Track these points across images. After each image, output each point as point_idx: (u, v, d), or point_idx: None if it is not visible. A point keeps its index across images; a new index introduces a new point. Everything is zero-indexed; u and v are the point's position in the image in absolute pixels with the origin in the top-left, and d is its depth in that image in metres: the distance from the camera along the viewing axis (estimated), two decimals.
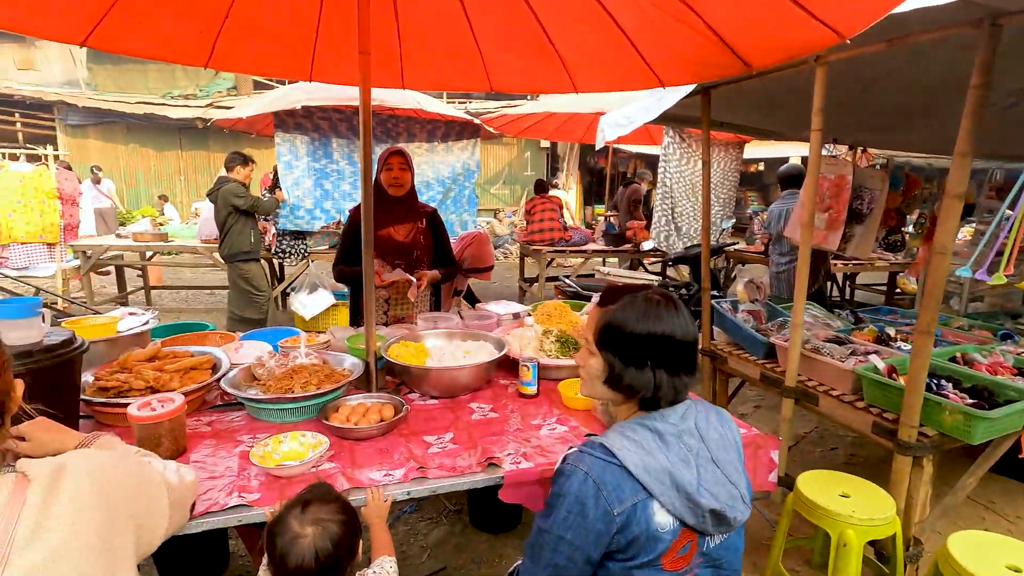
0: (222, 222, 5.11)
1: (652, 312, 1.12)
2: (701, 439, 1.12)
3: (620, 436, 1.08)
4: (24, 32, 2.12)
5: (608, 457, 1.05)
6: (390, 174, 2.69)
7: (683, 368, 1.13)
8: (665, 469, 1.04)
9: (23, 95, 13.36)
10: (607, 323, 1.15)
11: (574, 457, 1.08)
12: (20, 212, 6.03)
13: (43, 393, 1.45)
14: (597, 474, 1.03)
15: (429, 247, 2.87)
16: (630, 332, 1.12)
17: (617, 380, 1.15)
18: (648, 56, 2.41)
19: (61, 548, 0.87)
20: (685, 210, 6.22)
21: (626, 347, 1.13)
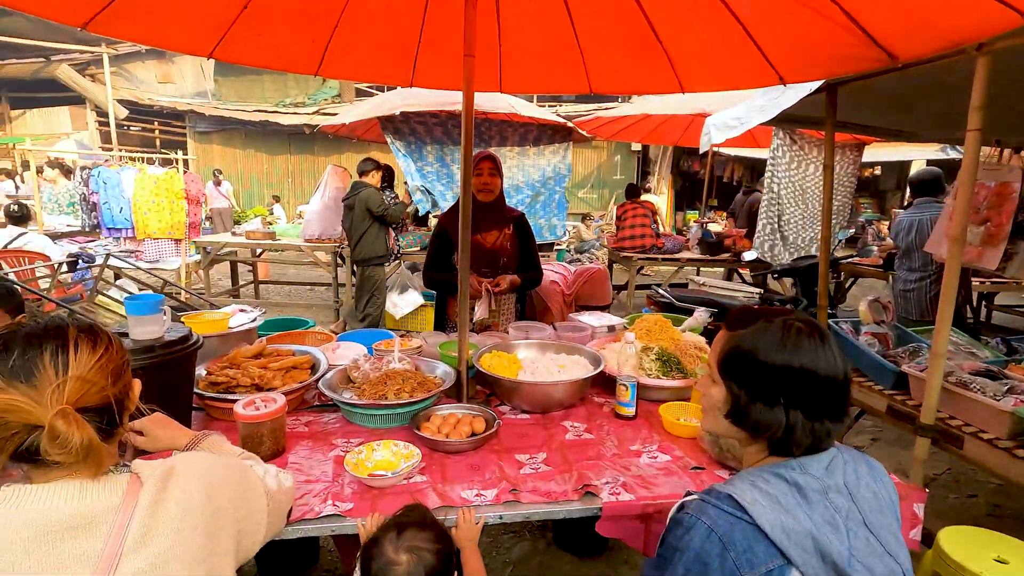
0: (356, 227, 5.25)
1: (791, 341, 0.95)
2: (851, 497, 0.94)
3: (751, 487, 0.92)
4: (162, 47, 2.31)
5: (737, 511, 0.89)
6: (479, 179, 2.65)
7: (827, 412, 0.95)
8: (808, 533, 0.87)
9: (161, 105, 15.00)
10: (734, 348, 1.01)
11: (696, 507, 0.93)
12: (154, 211, 6.71)
13: (161, 385, 1.54)
14: (724, 531, 0.88)
15: (515, 253, 2.81)
16: (761, 361, 0.96)
17: (741, 415, 0.99)
18: (769, 51, 2.19)
19: (166, 554, 0.87)
20: (793, 218, 5.74)
21: (755, 378, 0.97)
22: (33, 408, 0.81)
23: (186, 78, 16.83)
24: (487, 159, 2.67)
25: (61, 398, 0.83)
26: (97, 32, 1.97)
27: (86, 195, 6.81)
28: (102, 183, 6.71)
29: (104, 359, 0.91)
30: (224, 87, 16.81)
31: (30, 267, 5.03)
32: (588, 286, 4.48)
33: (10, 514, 0.81)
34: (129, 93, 15.12)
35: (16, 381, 0.82)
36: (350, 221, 5.29)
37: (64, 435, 0.81)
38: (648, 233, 6.37)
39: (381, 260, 5.35)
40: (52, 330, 0.89)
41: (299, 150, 15.54)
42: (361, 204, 5.17)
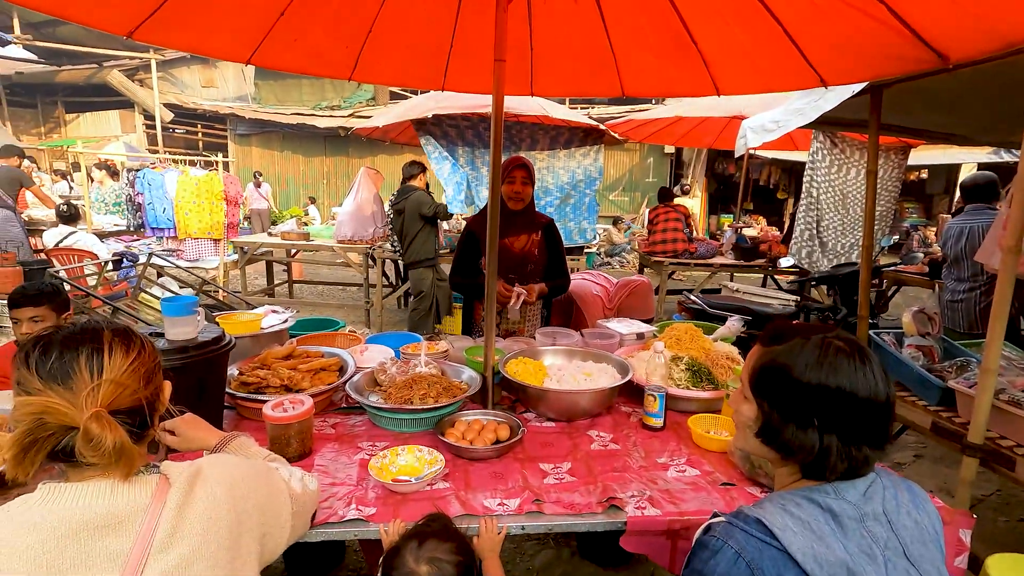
0: (407, 230, 5.29)
1: (828, 360, 0.90)
2: (891, 526, 0.88)
3: (781, 511, 0.87)
4: (202, 53, 2.38)
5: (766, 536, 0.85)
6: (511, 187, 2.63)
7: (866, 438, 0.89)
8: (843, 563, 0.82)
9: (204, 109, 15.52)
10: (768, 365, 0.95)
11: (722, 530, 0.89)
12: (194, 211, 6.93)
13: (195, 384, 1.57)
14: (752, 556, 0.84)
15: (543, 259, 2.79)
16: (796, 380, 0.91)
17: (772, 435, 0.94)
18: (810, 52, 2.11)
19: (192, 554, 0.88)
20: (833, 223, 5.54)
21: (788, 398, 0.92)
22: (69, 410, 0.83)
23: (228, 82, 17.38)
24: (521, 167, 2.64)
25: (95, 401, 0.85)
26: (142, 40, 2.04)
27: (132, 196, 7.08)
28: (147, 184, 6.96)
29: (137, 362, 0.93)
30: (264, 91, 17.29)
31: (79, 265, 5.25)
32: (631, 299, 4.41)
33: (47, 511, 0.83)
34: (175, 97, 15.70)
35: (54, 383, 0.85)
36: (400, 224, 5.34)
37: (98, 437, 0.83)
38: (680, 237, 6.25)
39: (431, 262, 5.42)
40: (88, 333, 0.91)
41: (334, 152, 15.86)
42: (412, 207, 5.23)
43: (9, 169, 6.04)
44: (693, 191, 12.94)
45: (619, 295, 4.22)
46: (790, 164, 12.28)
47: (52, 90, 16.25)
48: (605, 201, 14.06)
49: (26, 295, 2.21)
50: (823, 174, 5.28)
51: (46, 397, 0.83)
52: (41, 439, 0.83)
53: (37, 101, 16.60)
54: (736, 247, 6.43)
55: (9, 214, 5.93)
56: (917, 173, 12.75)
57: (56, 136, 16.53)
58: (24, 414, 0.82)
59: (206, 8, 1.99)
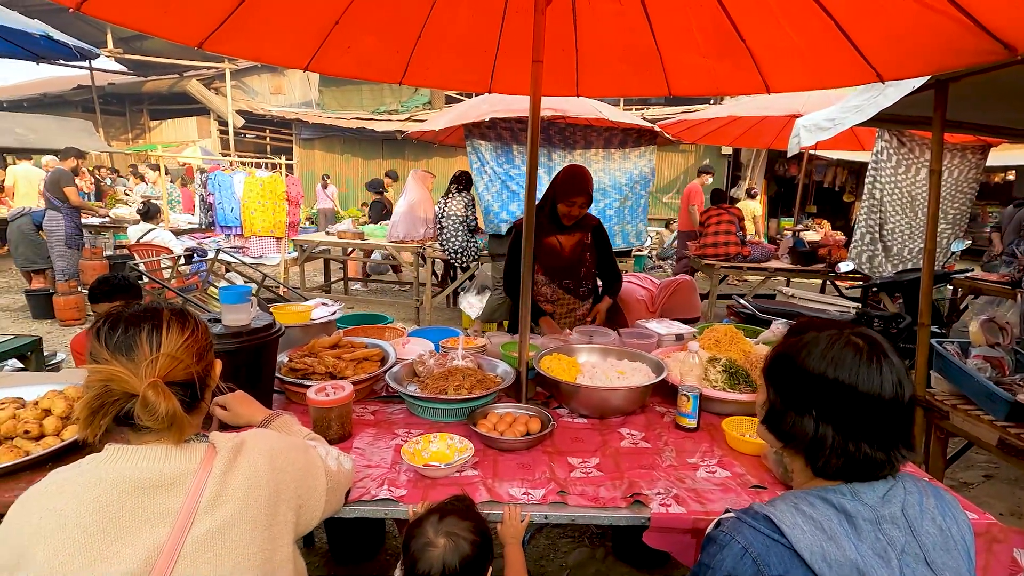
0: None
1: (836, 353, 0.90)
2: (911, 531, 0.86)
3: (792, 509, 0.87)
4: (263, 61, 2.54)
5: (773, 533, 0.85)
6: (569, 209, 2.62)
7: (865, 435, 0.87)
8: (852, 564, 0.80)
9: (272, 114, 16.37)
10: (779, 352, 0.99)
11: (730, 525, 0.90)
12: (259, 211, 7.35)
13: (246, 366, 1.70)
14: (758, 552, 0.84)
15: (594, 263, 2.80)
16: (798, 367, 0.93)
17: (774, 420, 0.98)
18: (864, 45, 2.03)
19: (234, 517, 0.97)
20: (898, 227, 5.23)
21: (790, 384, 0.95)
22: (130, 378, 0.93)
23: (295, 89, 18.26)
24: (583, 194, 2.61)
25: (153, 371, 0.96)
26: (211, 50, 2.21)
27: (204, 196, 7.58)
28: (217, 185, 7.44)
29: (190, 340, 1.03)
30: (327, 97, 18.05)
31: (156, 259, 5.68)
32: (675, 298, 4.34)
33: (111, 468, 0.94)
34: (246, 104, 16.65)
35: (119, 354, 0.95)
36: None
37: (153, 404, 0.93)
38: (733, 240, 6.07)
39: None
40: (149, 312, 1.02)
41: (391, 155, 16.34)
42: None
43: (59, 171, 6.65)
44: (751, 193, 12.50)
45: (663, 296, 4.16)
46: (857, 165, 11.64)
47: (139, 99, 17.62)
48: (658, 203, 13.80)
49: (102, 291, 2.42)
50: (888, 174, 5.00)
51: (112, 366, 0.93)
52: (107, 404, 0.93)
53: (126, 109, 18.04)
54: (793, 251, 6.18)
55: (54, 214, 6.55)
56: (1001, 175, 11.82)
57: (141, 141, 17.89)
58: (93, 381, 0.93)
59: (267, 19, 2.13)
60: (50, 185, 6.60)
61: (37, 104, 16.87)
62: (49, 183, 6.62)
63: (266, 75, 17.81)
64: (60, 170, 6.66)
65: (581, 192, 2.61)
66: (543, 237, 2.71)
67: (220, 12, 2.01)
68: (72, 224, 6.70)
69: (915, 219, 5.19)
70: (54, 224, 6.60)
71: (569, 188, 2.61)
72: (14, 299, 7.16)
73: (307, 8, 2.16)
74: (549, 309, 2.77)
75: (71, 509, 0.89)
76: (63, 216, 6.61)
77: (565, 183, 2.63)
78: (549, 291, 2.78)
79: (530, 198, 1.92)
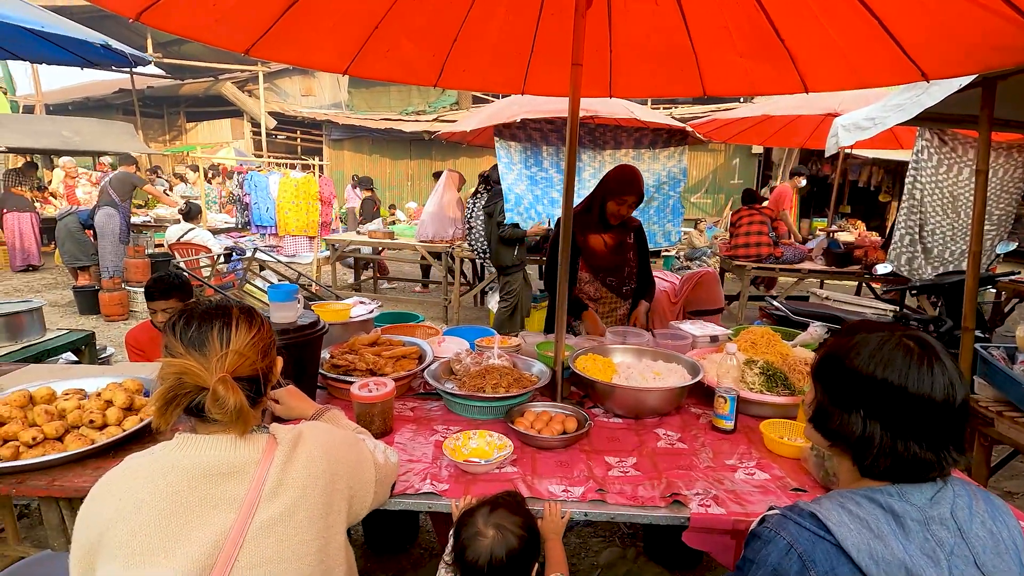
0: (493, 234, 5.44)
1: (884, 353, 0.90)
2: (960, 533, 0.85)
3: (839, 507, 0.88)
4: (306, 66, 2.62)
5: (819, 530, 0.85)
6: (619, 209, 2.63)
7: (914, 436, 0.87)
8: (900, 563, 0.80)
9: (303, 116, 16.71)
10: (829, 351, 1.00)
11: (775, 522, 0.90)
12: (293, 211, 7.52)
13: (293, 362, 1.76)
14: (804, 548, 0.84)
15: (636, 264, 2.81)
16: (848, 367, 0.94)
17: (821, 419, 0.98)
18: (908, 43, 2.00)
19: (294, 505, 1.02)
20: (940, 228, 5.08)
21: (839, 383, 0.95)
22: (202, 372, 0.99)
23: (325, 91, 18.60)
24: (636, 194, 2.62)
25: (223, 367, 1.01)
26: (257, 56, 2.29)
27: (240, 196, 7.79)
28: (253, 185, 7.64)
29: (256, 337, 1.08)
30: (356, 98, 18.34)
31: (196, 257, 5.87)
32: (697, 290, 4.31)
33: (183, 456, 0.99)
34: (278, 106, 17.02)
35: (192, 349, 1.01)
36: (492, 228, 5.43)
37: (223, 398, 0.98)
38: (764, 241, 5.97)
39: (519, 267, 5.44)
40: (220, 310, 1.07)
41: (418, 155, 16.52)
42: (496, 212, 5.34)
43: (124, 173, 7.04)
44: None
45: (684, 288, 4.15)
46: (894, 164, 11.32)
47: (176, 101, 18.16)
48: (687, 204, 13.65)
49: (158, 289, 2.55)
50: (929, 174, 4.86)
51: (185, 360, 0.99)
52: (180, 395, 0.99)
53: (164, 111, 18.62)
54: (827, 252, 6.05)
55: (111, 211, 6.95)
56: None
57: (178, 142, 18.45)
58: (168, 373, 0.98)
59: (309, 26, 2.20)
60: (117, 184, 6.95)
61: (81, 107, 17.55)
62: (116, 182, 6.96)
63: (297, 77, 18.18)
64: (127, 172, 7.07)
65: (634, 192, 2.62)
66: (588, 235, 2.72)
67: (266, 20, 2.09)
68: (124, 221, 7.07)
69: (957, 220, 5.03)
70: (109, 220, 6.96)
71: (622, 187, 2.62)
72: (61, 295, 7.48)
73: (348, 14, 2.22)
74: (592, 307, 2.78)
75: (147, 493, 0.95)
76: (119, 214, 6.96)
77: (618, 182, 2.64)
78: (592, 289, 2.78)
79: (568, 199, 1.94)
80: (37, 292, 7.62)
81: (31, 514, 2.69)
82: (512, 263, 5.38)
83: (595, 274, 2.74)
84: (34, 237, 8.79)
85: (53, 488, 1.38)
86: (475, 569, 1.18)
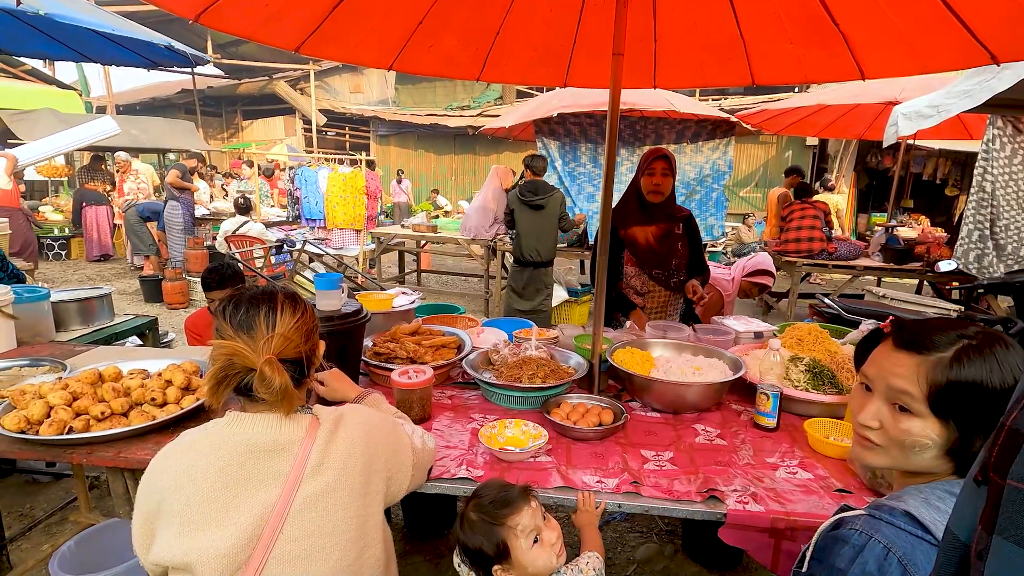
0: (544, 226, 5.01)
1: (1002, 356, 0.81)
2: None
3: (925, 504, 0.80)
4: (353, 63, 2.69)
5: (917, 530, 0.77)
6: (651, 179, 2.60)
7: None
8: None
9: (351, 112, 17.14)
10: (955, 380, 0.82)
11: (866, 524, 0.81)
12: (341, 205, 7.74)
13: (336, 348, 1.82)
14: (904, 552, 0.76)
15: (686, 255, 2.76)
16: (993, 390, 0.80)
17: (961, 452, 0.83)
18: (975, 24, 1.88)
19: (335, 482, 1.06)
20: (1012, 223, 4.74)
21: (987, 411, 0.81)
22: (250, 354, 1.04)
23: (372, 88, 19.01)
24: (662, 159, 2.60)
25: (269, 349, 1.06)
26: (306, 54, 2.37)
27: (291, 191, 8.08)
28: (304, 180, 7.90)
29: (300, 322, 1.12)
30: (402, 94, 18.66)
31: (249, 249, 6.14)
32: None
33: (232, 433, 1.05)
34: (328, 103, 17.52)
35: (241, 332, 1.06)
36: (540, 222, 5.01)
37: (269, 379, 1.02)
38: (817, 236, 5.73)
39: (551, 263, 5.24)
40: (267, 295, 1.12)
41: (462, 150, 16.67)
42: (555, 207, 5.01)
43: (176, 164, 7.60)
44: (839, 187, 11.73)
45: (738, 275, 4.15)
46: (963, 156, 10.65)
47: (233, 100, 18.96)
48: (735, 198, 13.25)
49: (214, 279, 2.70)
50: (1001, 165, 4.54)
51: (236, 343, 1.04)
52: (230, 376, 1.05)
53: (222, 110, 19.47)
54: (886, 248, 5.75)
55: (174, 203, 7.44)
56: None
57: (235, 140, 19.26)
58: (219, 355, 1.04)
59: (356, 23, 2.26)
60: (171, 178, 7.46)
61: (148, 107, 18.56)
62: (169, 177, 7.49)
63: (347, 75, 18.64)
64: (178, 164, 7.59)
65: (660, 157, 2.58)
66: (630, 227, 2.70)
67: (314, 19, 2.16)
68: (189, 214, 7.54)
69: None
70: (174, 213, 7.46)
71: (646, 158, 2.61)
72: (129, 284, 7.97)
73: (392, 11, 2.27)
74: (639, 302, 2.74)
75: (200, 467, 1.01)
76: (182, 206, 7.41)
77: (643, 158, 2.65)
78: (639, 283, 2.74)
79: (607, 191, 1.92)
80: (107, 280, 8.15)
81: (100, 485, 2.90)
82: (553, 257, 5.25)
83: (641, 267, 2.70)
84: (109, 229, 9.41)
85: (119, 459, 1.48)
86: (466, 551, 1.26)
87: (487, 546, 1.21)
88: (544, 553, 1.22)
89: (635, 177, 2.68)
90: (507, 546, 1.20)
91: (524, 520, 1.22)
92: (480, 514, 1.24)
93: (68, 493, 2.89)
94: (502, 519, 1.21)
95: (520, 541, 1.21)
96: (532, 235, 5.05)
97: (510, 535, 1.21)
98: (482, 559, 1.23)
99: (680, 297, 2.80)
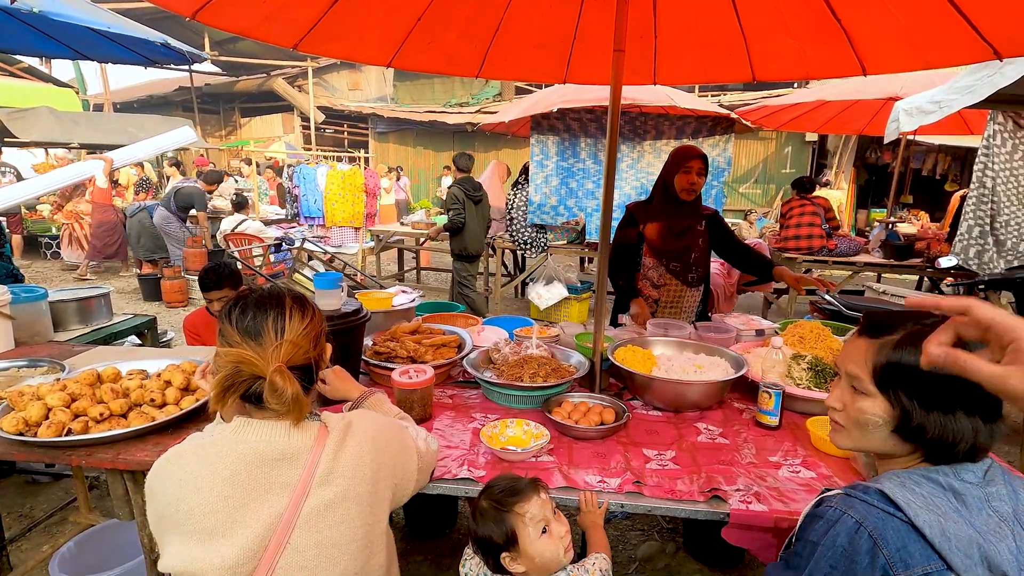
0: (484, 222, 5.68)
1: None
2: (1014, 508, 0.83)
3: (900, 487, 0.84)
4: (351, 60, 2.67)
5: (888, 507, 0.81)
6: (687, 177, 2.58)
7: (993, 417, 0.84)
8: (972, 539, 0.77)
9: (350, 110, 17.07)
10: (895, 358, 0.89)
11: (840, 501, 0.86)
12: (339, 202, 7.72)
13: (336, 348, 1.81)
14: (874, 527, 0.80)
15: (706, 251, 2.75)
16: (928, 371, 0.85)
17: (917, 432, 0.88)
18: (977, 19, 1.87)
19: (344, 492, 1.04)
20: (1013, 218, 4.73)
21: (930, 387, 0.86)
22: (258, 362, 1.00)
23: (371, 85, 18.94)
24: (699, 158, 2.58)
25: (278, 357, 1.02)
26: (304, 51, 2.36)
27: (290, 188, 8.06)
28: (302, 178, 7.88)
29: (309, 327, 1.09)
30: (401, 91, 18.59)
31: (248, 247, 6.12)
32: None
33: (240, 441, 1.02)
34: (326, 100, 17.45)
35: (248, 339, 1.02)
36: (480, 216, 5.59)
37: (281, 389, 0.99)
38: (817, 232, 5.72)
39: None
40: (274, 298, 1.08)
41: (462, 146, 16.59)
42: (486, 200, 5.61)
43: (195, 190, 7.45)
44: (838, 183, 11.72)
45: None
46: (963, 152, 10.64)
47: (231, 98, 18.88)
48: (735, 194, 13.23)
49: (211, 280, 2.67)
50: (1002, 161, 4.53)
51: (242, 350, 1.01)
52: (236, 383, 1.01)
53: (219, 108, 19.40)
54: (886, 244, 5.75)
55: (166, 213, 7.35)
56: None
57: (233, 137, 19.20)
58: (225, 362, 1.01)
59: (355, 20, 2.24)
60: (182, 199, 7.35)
61: (145, 105, 18.48)
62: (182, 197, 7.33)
63: (345, 72, 18.57)
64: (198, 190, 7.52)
65: (697, 156, 2.57)
66: (650, 221, 2.69)
67: (312, 16, 2.14)
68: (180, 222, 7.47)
69: None
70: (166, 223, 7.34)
71: (683, 157, 2.58)
72: (128, 282, 7.95)
73: (391, 7, 2.25)
74: (654, 295, 2.72)
75: (206, 476, 0.98)
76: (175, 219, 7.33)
77: (678, 155, 2.61)
78: (656, 275, 2.73)
79: (608, 187, 1.91)
80: (106, 279, 8.12)
81: (100, 486, 2.89)
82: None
83: (658, 259, 2.68)
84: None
85: (118, 461, 1.47)
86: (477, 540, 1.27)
87: (496, 533, 1.22)
88: (552, 544, 1.22)
89: (664, 173, 2.65)
90: (515, 534, 1.21)
91: (533, 509, 1.23)
92: (491, 501, 1.25)
93: (68, 494, 2.89)
94: (511, 506, 1.22)
95: (528, 529, 1.21)
96: (478, 229, 5.61)
97: (519, 522, 1.22)
98: (491, 547, 1.23)
99: (697, 294, 2.78)
